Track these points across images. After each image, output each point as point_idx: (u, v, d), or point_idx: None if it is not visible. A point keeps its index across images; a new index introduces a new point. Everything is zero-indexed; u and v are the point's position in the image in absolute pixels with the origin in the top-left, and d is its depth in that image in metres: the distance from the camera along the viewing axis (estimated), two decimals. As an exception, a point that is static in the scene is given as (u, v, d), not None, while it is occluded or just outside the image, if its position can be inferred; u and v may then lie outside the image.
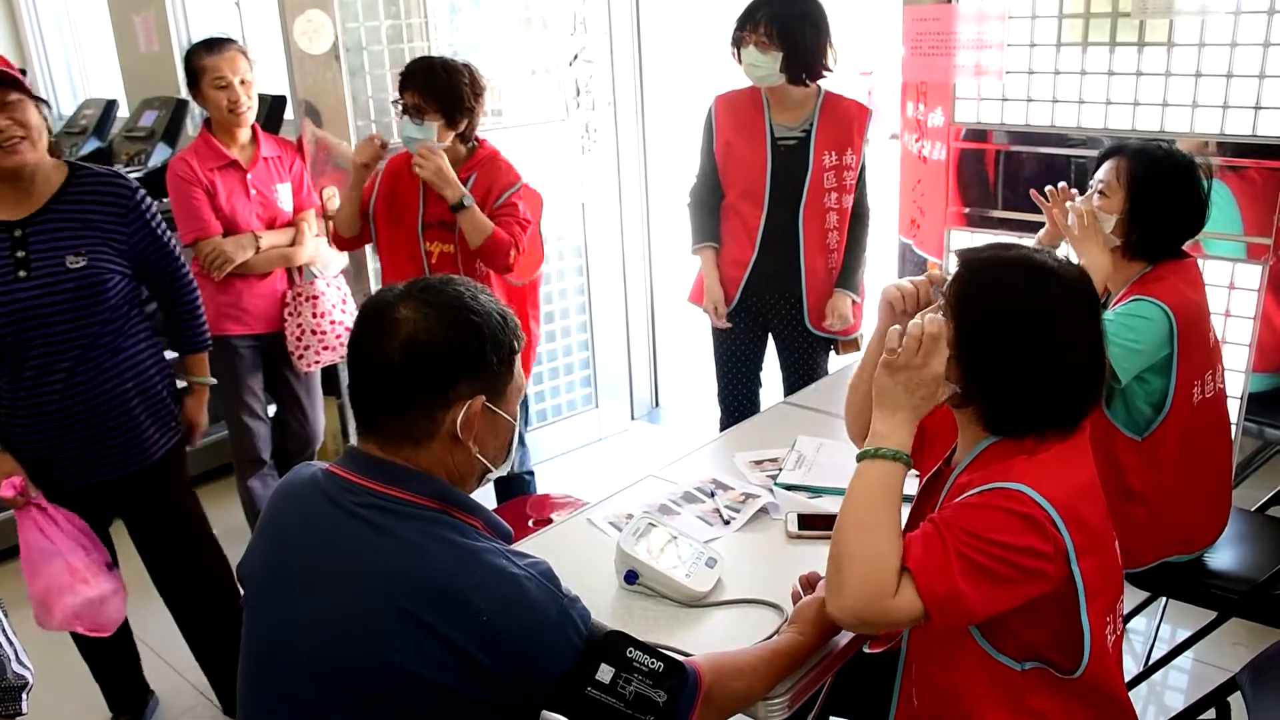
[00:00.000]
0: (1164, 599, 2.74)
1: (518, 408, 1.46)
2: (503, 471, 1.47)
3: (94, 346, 2.26)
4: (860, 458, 1.47)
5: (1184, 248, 2.25)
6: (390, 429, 1.37)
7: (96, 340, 2.26)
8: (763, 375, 3.34)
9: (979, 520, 1.40)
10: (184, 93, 4.85)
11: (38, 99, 2.20)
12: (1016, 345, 1.45)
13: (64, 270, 2.19)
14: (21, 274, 2.16)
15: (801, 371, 3.19)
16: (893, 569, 1.40)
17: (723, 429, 3.22)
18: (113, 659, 2.68)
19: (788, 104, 2.97)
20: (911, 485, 1.61)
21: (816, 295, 3.08)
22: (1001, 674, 1.50)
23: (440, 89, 2.85)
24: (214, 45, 3.07)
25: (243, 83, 3.06)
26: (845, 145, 2.97)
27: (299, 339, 3.26)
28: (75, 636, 2.57)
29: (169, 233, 2.42)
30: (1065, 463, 1.46)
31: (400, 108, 2.90)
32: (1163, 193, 2.16)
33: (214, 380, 2.64)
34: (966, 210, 3.45)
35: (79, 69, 6.09)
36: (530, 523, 2.71)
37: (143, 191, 2.35)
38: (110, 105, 5.36)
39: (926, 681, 1.60)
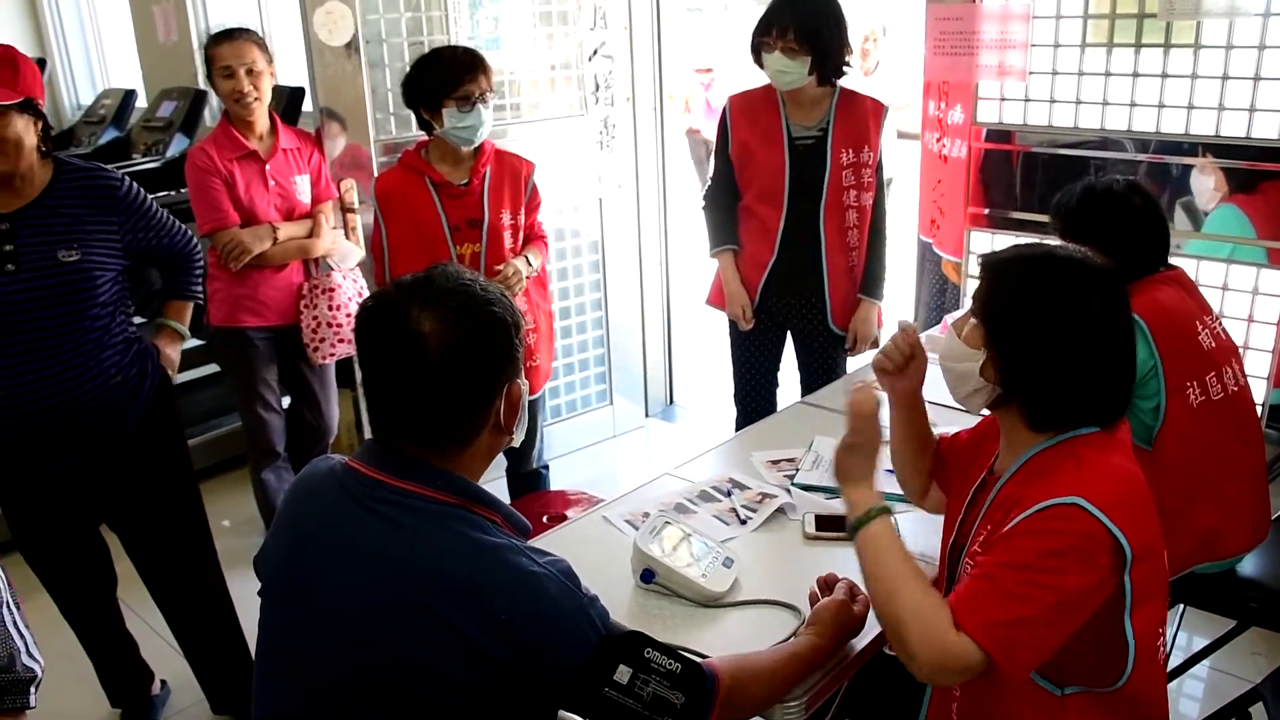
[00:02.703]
0: (1181, 606, 2.71)
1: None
2: (519, 440, 1.47)
3: (81, 344, 2.23)
4: (855, 529, 1.55)
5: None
6: (432, 438, 1.36)
7: (85, 337, 2.23)
8: (779, 375, 3.32)
9: (1033, 549, 1.38)
10: (202, 83, 4.87)
11: (34, 109, 2.15)
12: (1048, 337, 1.47)
13: (55, 264, 2.16)
14: (10, 267, 2.13)
15: (820, 371, 3.17)
16: (936, 607, 1.41)
17: (739, 429, 3.20)
18: (105, 648, 2.66)
19: (804, 103, 2.94)
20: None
21: (840, 296, 3.05)
22: (1041, 697, 1.49)
23: (488, 69, 2.85)
24: (225, 35, 3.06)
25: (250, 73, 3.03)
26: (862, 142, 2.94)
27: (314, 331, 3.25)
28: (74, 625, 2.57)
29: (163, 211, 2.40)
30: (1114, 469, 1.45)
31: (461, 103, 2.76)
32: (1088, 223, 2.18)
33: (188, 333, 2.56)
34: (987, 211, 3.43)
35: (98, 59, 6.10)
36: (545, 519, 2.70)
37: (129, 180, 2.32)
38: (129, 95, 5.37)
39: (965, 700, 1.58)
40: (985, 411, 1.61)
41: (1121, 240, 2.17)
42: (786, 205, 2.97)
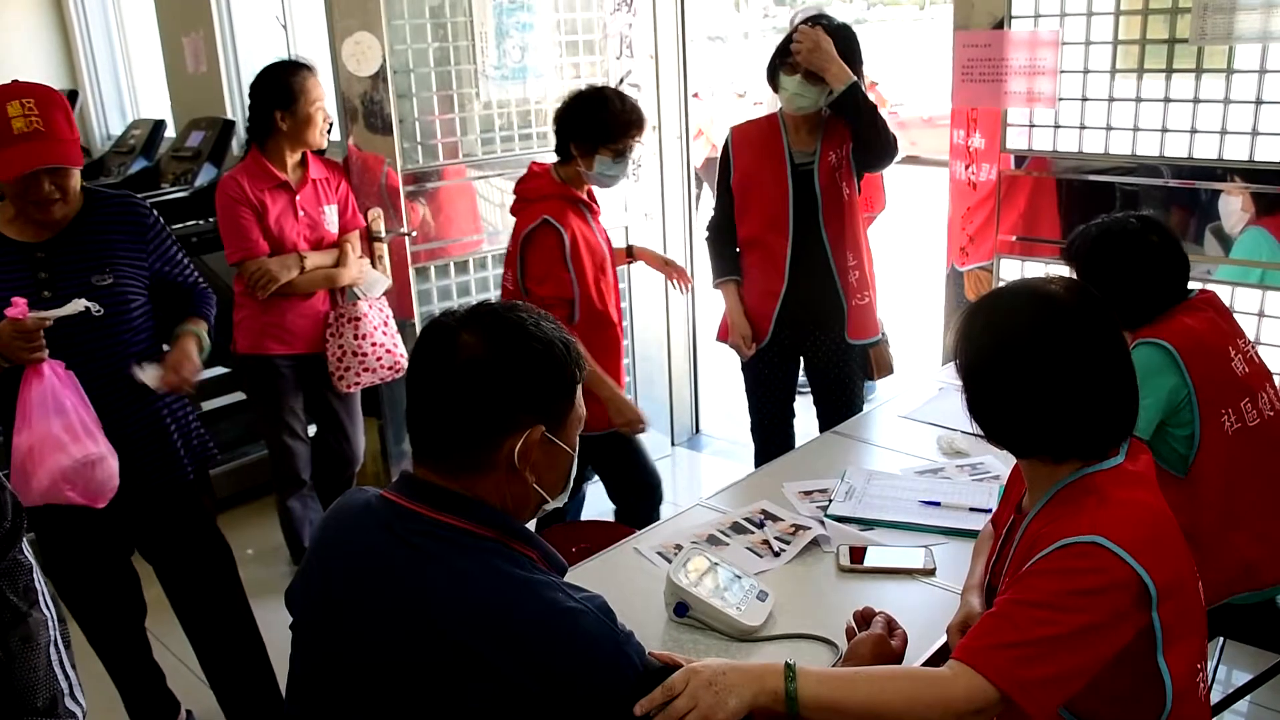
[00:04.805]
0: (1221, 639, 2.66)
1: (577, 439, 1.43)
2: (559, 503, 1.44)
3: (122, 370, 2.25)
4: (794, 711, 1.33)
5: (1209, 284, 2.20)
6: (447, 456, 1.34)
7: (124, 364, 2.25)
8: (795, 406, 3.30)
9: (1050, 588, 1.35)
10: (230, 113, 4.91)
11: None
12: (1030, 377, 1.44)
13: (89, 289, 2.18)
14: (46, 294, 2.15)
15: (841, 401, 3.13)
16: (918, 681, 1.38)
17: (758, 462, 3.16)
18: (133, 677, 2.64)
19: (805, 130, 2.94)
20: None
21: (850, 303, 3.04)
22: None
23: (645, 127, 2.85)
24: (311, 69, 3.11)
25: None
26: (845, 141, 2.92)
27: (340, 360, 3.25)
28: (102, 653, 2.56)
29: (183, 251, 2.42)
30: (1137, 505, 1.42)
31: (616, 154, 2.74)
32: (1108, 273, 2.14)
33: (208, 342, 2.47)
34: (1016, 238, 3.40)
35: (128, 90, 6.17)
36: (574, 550, 2.67)
37: (156, 212, 2.36)
38: (158, 125, 5.43)
39: None
40: None
41: (1141, 279, 2.14)
42: (792, 232, 2.95)
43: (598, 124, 2.71)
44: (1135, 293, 2.14)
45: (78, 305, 2.11)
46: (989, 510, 2.13)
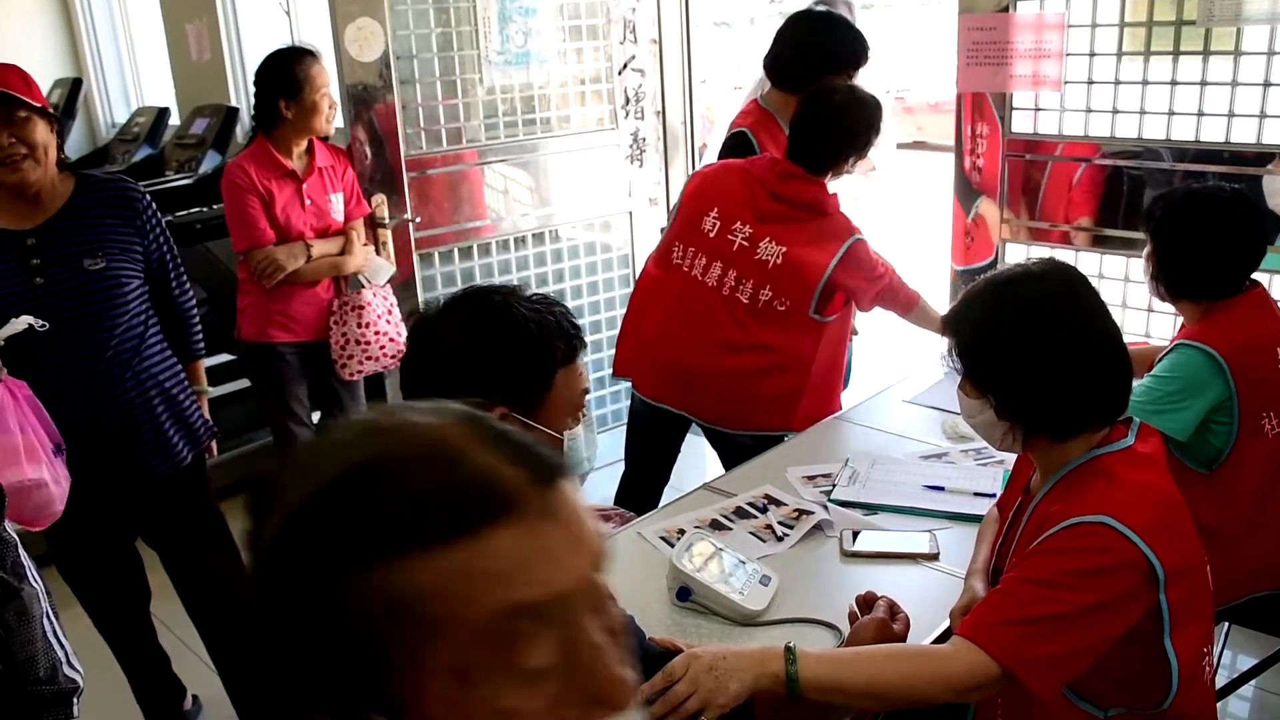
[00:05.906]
0: (1226, 624, 2.66)
1: (568, 421, 1.42)
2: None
3: (118, 352, 2.24)
4: (794, 690, 1.35)
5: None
6: None
7: (120, 346, 2.25)
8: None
9: (1055, 566, 1.36)
10: (235, 100, 4.91)
11: (51, 116, 2.17)
12: (1023, 354, 1.46)
13: (81, 272, 2.17)
14: (38, 280, 2.15)
15: None
16: (919, 659, 1.41)
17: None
18: (139, 662, 2.65)
19: None
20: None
21: None
22: (1083, 719, 1.45)
23: None
24: (314, 54, 3.08)
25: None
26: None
27: (343, 348, 3.25)
28: (109, 639, 2.57)
29: (175, 250, 2.42)
30: (1147, 487, 1.42)
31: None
32: (1179, 233, 2.10)
33: (210, 389, 2.60)
34: (1020, 223, 3.39)
35: (132, 78, 6.17)
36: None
37: (149, 197, 2.34)
38: (162, 113, 5.43)
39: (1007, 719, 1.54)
40: None
41: (1216, 247, 2.08)
42: None
43: (880, 125, 2.68)
44: (1206, 259, 2.09)
45: (18, 324, 2.07)
46: (993, 495, 2.13)
